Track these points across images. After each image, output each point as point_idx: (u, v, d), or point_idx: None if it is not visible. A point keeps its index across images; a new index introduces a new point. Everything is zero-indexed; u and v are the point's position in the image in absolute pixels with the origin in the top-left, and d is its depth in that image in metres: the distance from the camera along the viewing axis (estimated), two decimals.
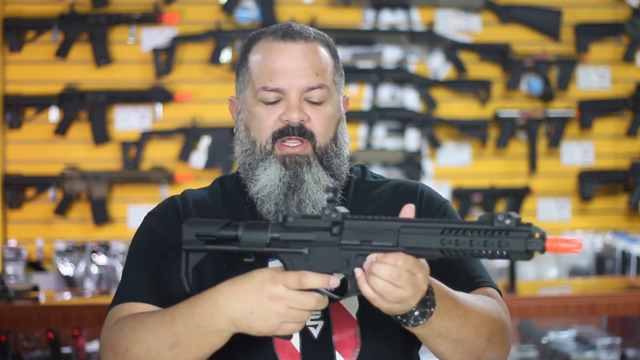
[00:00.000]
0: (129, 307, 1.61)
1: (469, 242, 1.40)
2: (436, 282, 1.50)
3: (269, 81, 1.66)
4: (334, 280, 1.44)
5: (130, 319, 1.56)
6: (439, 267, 1.58)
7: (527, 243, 1.38)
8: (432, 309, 1.47)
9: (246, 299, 1.44)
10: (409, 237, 1.43)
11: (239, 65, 1.74)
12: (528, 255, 1.39)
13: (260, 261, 1.58)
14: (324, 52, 1.71)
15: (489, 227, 1.40)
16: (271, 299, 1.42)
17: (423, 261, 1.44)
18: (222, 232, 1.49)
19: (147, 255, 1.67)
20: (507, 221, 1.39)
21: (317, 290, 1.45)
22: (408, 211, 1.48)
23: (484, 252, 1.40)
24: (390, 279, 1.40)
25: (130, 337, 1.53)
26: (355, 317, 1.65)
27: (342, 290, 1.48)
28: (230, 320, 1.45)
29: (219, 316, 1.46)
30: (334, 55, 1.74)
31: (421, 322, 1.47)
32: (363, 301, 1.63)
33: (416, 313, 1.46)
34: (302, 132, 1.65)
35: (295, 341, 1.63)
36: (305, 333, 1.63)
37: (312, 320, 1.63)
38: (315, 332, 1.64)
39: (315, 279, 1.44)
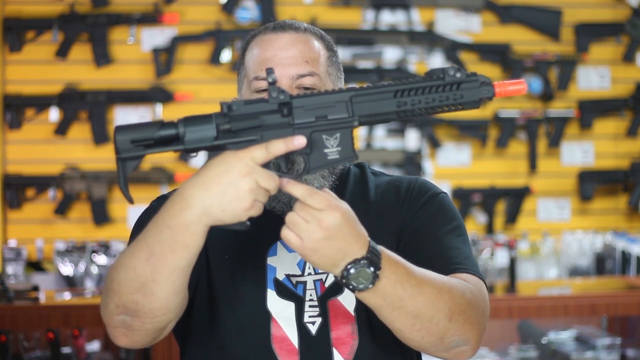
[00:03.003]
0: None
1: (424, 100, 1.42)
2: (384, 249, 1.45)
3: (261, 70, 1.67)
4: (299, 140, 1.41)
5: (119, 255, 1.52)
6: (415, 250, 1.59)
7: (479, 92, 1.43)
8: (373, 270, 1.41)
9: (215, 183, 1.38)
10: (363, 105, 1.43)
11: (239, 65, 1.76)
12: (480, 103, 1.44)
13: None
14: (315, 43, 1.72)
15: (441, 82, 1.42)
16: (241, 175, 1.37)
17: (336, 206, 1.40)
18: (161, 133, 1.41)
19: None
20: (458, 74, 1.42)
21: (276, 173, 1.41)
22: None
23: (439, 107, 1.43)
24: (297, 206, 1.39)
25: (114, 267, 1.48)
26: (353, 314, 1.65)
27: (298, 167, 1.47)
28: (202, 210, 1.38)
29: (187, 209, 1.39)
30: (329, 49, 1.74)
31: (365, 285, 1.42)
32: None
33: (352, 271, 1.40)
34: None
35: (294, 337, 1.63)
36: (303, 329, 1.63)
37: (310, 316, 1.64)
38: (313, 329, 1.64)
39: (279, 144, 1.40)
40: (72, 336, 3.35)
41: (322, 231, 1.38)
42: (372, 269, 1.41)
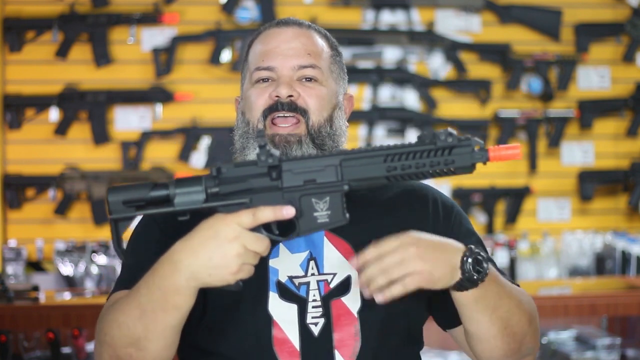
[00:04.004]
0: (120, 295, 1.61)
1: (414, 165, 1.41)
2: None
3: (262, 61, 1.68)
4: (288, 210, 1.42)
5: (111, 307, 1.55)
6: None
7: (472, 157, 1.40)
8: (484, 254, 1.47)
9: (203, 248, 1.40)
10: (353, 169, 1.42)
11: (242, 63, 1.77)
12: (473, 168, 1.41)
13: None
14: (318, 39, 1.72)
15: (433, 147, 1.40)
16: (228, 240, 1.40)
17: (398, 236, 1.44)
18: (152, 194, 1.44)
19: (143, 242, 1.67)
20: (450, 139, 1.39)
21: (265, 234, 1.43)
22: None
23: (430, 172, 1.42)
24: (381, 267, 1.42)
25: (106, 319, 1.51)
26: (356, 316, 1.64)
27: (290, 230, 1.47)
28: (189, 274, 1.41)
29: (176, 272, 1.42)
30: (332, 48, 1.74)
31: (484, 271, 1.45)
32: (365, 300, 1.63)
33: (469, 260, 1.45)
34: (292, 107, 1.65)
35: (295, 339, 1.62)
36: (305, 331, 1.62)
37: (313, 317, 1.63)
38: (315, 330, 1.63)
39: (267, 212, 1.41)
40: (72, 336, 3.35)
41: (417, 254, 1.43)
42: (481, 253, 1.47)
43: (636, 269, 4.14)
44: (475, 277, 1.46)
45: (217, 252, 1.40)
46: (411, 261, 1.42)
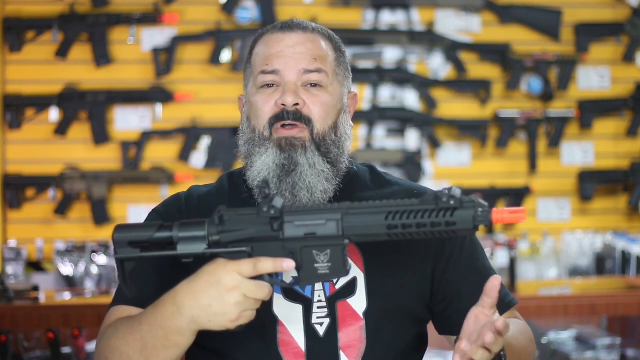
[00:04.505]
0: (120, 311, 1.63)
1: (415, 224, 1.40)
2: None
3: (266, 65, 1.68)
4: (288, 263, 1.43)
5: (112, 327, 1.58)
6: (471, 289, 1.60)
7: (475, 219, 1.39)
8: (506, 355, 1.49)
9: (204, 294, 1.43)
10: (354, 225, 1.43)
11: (245, 64, 1.76)
12: (475, 230, 1.40)
13: None
14: (323, 43, 1.71)
15: (434, 207, 1.40)
16: (227, 289, 1.42)
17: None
18: (157, 235, 1.46)
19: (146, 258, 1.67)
20: (452, 202, 1.39)
21: (267, 280, 1.44)
22: (494, 284, 1.45)
23: (430, 232, 1.41)
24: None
25: (108, 345, 1.55)
26: (362, 316, 1.64)
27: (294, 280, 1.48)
28: (190, 319, 1.45)
29: (179, 315, 1.45)
30: (337, 50, 1.74)
31: None
32: (371, 301, 1.63)
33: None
34: (297, 116, 1.65)
35: (300, 340, 1.62)
36: (311, 331, 1.62)
37: (318, 317, 1.63)
38: (321, 330, 1.63)
39: (268, 264, 1.43)
40: (72, 336, 3.35)
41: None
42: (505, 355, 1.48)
43: (636, 269, 4.14)
44: None
45: (217, 300, 1.43)
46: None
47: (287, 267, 1.43)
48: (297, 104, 1.65)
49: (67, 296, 3.58)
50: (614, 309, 3.43)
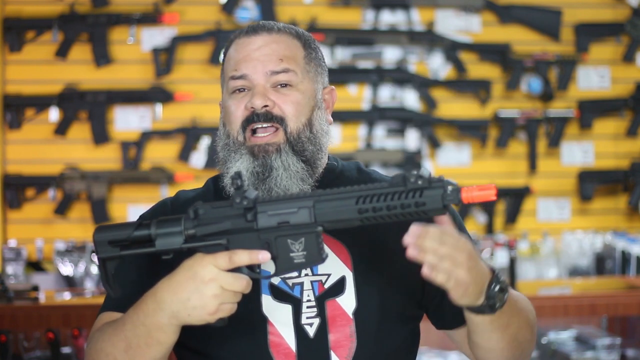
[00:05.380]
0: (108, 316, 1.64)
1: (385, 207, 1.41)
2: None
3: (235, 70, 1.69)
4: (264, 255, 1.45)
5: (99, 331, 1.59)
6: None
7: (444, 198, 1.39)
8: (506, 282, 1.49)
9: (182, 288, 1.45)
10: (326, 211, 1.44)
11: (221, 71, 1.77)
12: (445, 210, 1.40)
13: None
14: (290, 41, 1.71)
15: (403, 189, 1.40)
16: (204, 282, 1.43)
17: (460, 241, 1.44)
18: (135, 234, 1.48)
19: (134, 259, 1.67)
20: (420, 182, 1.39)
21: (245, 272, 1.45)
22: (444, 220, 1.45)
23: (401, 214, 1.41)
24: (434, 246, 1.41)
25: (95, 348, 1.57)
26: (351, 316, 1.64)
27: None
28: (170, 314, 1.46)
29: (159, 311, 1.47)
30: (306, 47, 1.73)
31: (502, 302, 1.48)
32: (360, 300, 1.63)
33: (496, 289, 1.46)
34: (268, 117, 1.66)
35: (291, 340, 1.62)
36: (301, 332, 1.62)
37: (308, 317, 1.63)
38: (311, 331, 1.63)
39: (244, 256, 1.44)
40: (72, 336, 3.35)
41: (467, 264, 1.43)
42: (505, 281, 1.49)
43: (636, 269, 4.14)
44: (496, 305, 1.48)
45: (195, 293, 1.44)
46: (459, 267, 1.42)
47: (263, 258, 1.45)
48: (266, 106, 1.66)
49: (67, 296, 3.58)
50: (614, 309, 3.42)
